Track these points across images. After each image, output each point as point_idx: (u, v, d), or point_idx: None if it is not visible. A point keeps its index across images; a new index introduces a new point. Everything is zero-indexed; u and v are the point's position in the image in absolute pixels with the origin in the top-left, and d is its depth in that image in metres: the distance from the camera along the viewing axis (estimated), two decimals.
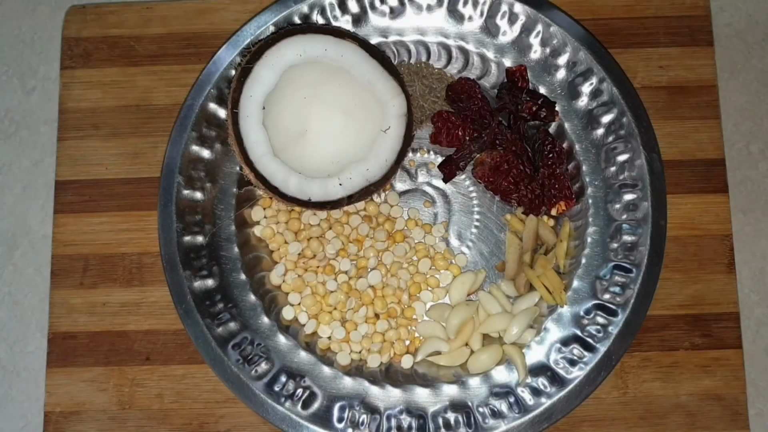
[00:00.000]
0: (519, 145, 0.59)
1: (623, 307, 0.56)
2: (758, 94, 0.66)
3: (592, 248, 0.58)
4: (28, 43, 0.69)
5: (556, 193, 0.59)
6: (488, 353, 0.56)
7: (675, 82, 0.63)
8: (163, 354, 0.59)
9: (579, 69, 0.60)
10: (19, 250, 0.65)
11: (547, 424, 0.54)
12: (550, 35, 0.60)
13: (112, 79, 0.63)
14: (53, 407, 0.58)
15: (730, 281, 0.59)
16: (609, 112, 0.59)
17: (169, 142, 0.58)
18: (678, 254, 0.60)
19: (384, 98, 0.56)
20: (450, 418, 0.55)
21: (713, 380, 0.58)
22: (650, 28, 0.64)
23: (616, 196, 0.58)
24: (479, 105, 0.60)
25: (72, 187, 0.61)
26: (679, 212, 0.60)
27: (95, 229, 0.61)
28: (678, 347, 0.58)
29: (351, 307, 0.58)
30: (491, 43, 0.61)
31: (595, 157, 0.59)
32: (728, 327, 0.59)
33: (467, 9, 0.61)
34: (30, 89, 0.68)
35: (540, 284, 0.57)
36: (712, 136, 0.62)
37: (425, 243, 0.60)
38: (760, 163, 0.65)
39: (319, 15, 0.61)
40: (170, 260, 0.56)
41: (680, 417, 0.57)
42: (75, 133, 0.62)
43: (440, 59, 0.62)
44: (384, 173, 0.57)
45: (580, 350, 0.56)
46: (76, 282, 0.60)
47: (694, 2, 0.64)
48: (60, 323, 0.59)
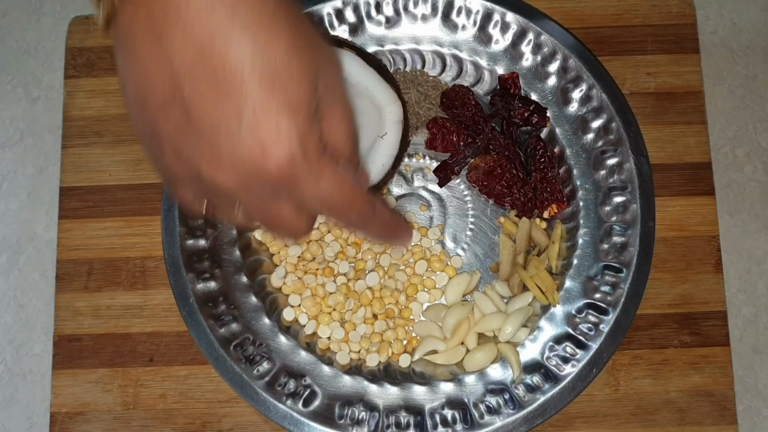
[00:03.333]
0: (512, 150, 0.61)
1: (614, 306, 0.57)
2: (743, 100, 0.68)
3: (584, 249, 0.59)
4: (32, 53, 0.70)
5: (548, 196, 0.60)
6: (483, 352, 0.57)
7: (662, 89, 0.64)
8: (166, 355, 0.60)
9: (569, 76, 0.61)
10: (24, 255, 0.66)
11: (541, 419, 0.56)
12: (541, 43, 0.62)
13: (115, 87, 0.64)
14: (59, 408, 0.59)
15: (717, 281, 0.61)
16: (598, 118, 0.61)
17: None
18: (666, 255, 0.61)
19: (381, 105, 0.57)
20: (447, 414, 0.56)
21: (702, 377, 0.59)
22: (638, 36, 0.65)
23: (606, 199, 0.60)
24: (473, 111, 0.61)
25: (76, 193, 0.63)
26: (667, 214, 0.62)
27: (99, 234, 0.62)
28: (667, 345, 0.60)
29: (350, 308, 0.59)
30: (484, 52, 0.63)
31: (585, 161, 0.61)
32: (716, 325, 0.60)
33: (461, 18, 0.63)
34: (34, 98, 0.69)
35: (533, 284, 0.58)
36: (698, 141, 0.63)
37: (421, 245, 0.61)
38: (745, 167, 0.67)
39: (317, 24, 0.62)
40: (174, 263, 0.58)
41: (670, 413, 0.59)
42: (79, 141, 0.64)
43: (435, 67, 0.64)
44: (381, 177, 0.58)
45: (572, 348, 0.57)
46: (80, 286, 0.61)
47: (681, 11, 0.66)
48: (65, 326, 0.60)
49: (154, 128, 0.38)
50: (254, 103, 0.35)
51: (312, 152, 0.37)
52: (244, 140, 0.35)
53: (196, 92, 0.35)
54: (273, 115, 0.35)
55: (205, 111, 0.35)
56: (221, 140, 0.36)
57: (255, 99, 0.35)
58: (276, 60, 0.35)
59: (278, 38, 0.35)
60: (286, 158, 0.35)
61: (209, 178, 0.37)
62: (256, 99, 0.35)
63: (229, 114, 0.35)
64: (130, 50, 0.36)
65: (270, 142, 0.35)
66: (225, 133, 0.35)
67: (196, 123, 0.36)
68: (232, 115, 0.35)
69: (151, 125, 0.38)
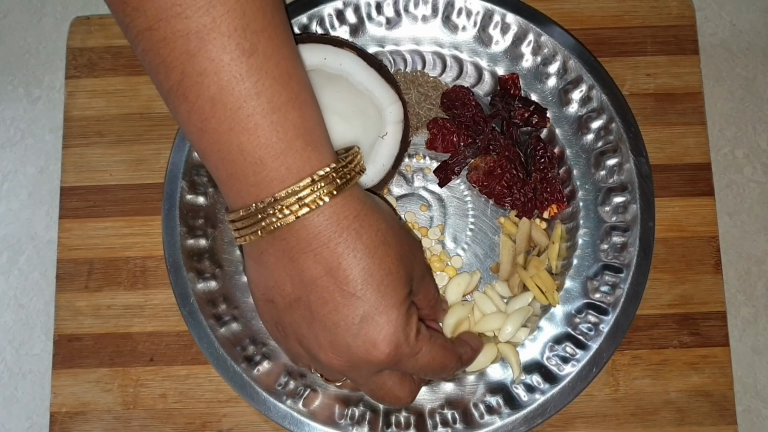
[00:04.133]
0: (512, 150, 0.61)
1: (614, 306, 0.57)
2: (743, 101, 0.68)
3: (583, 249, 0.59)
4: (33, 53, 0.70)
5: (548, 197, 0.60)
6: (483, 352, 0.57)
7: (662, 90, 0.64)
8: (166, 355, 0.60)
9: (569, 77, 0.62)
10: (24, 255, 0.66)
11: (541, 419, 0.56)
12: (541, 45, 0.62)
13: (116, 88, 0.65)
14: (59, 408, 0.59)
15: (716, 281, 0.61)
16: (598, 119, 0.61)
17: (173, 148, 0.60)
18: (666, 255, 0.61)
19: (381, 105, 0.58)
20: (447, 414, 0.56)
21: (702, 377, 0.59)
22: (637, 37, 0.65)
23: (606, 199, 0.60)
24: (473, 112, 0.61)
25: (77, 193, 0.63)
26: (666, 215, 0.62)
27: (100, 234, 0.62)
28: (667, 345, 0.60)
29: None
30: (484, 53, 0.63)
31: (585, 162, 0.61)
32: (715, 325, 0.60)
33: (461, 19, 0.63)
34: (35, 98, 0.69)
35: (533, 285, 0.58)
36: (698, 142, 0.63)
37: None
38: (745, 168, 0.67)
39: (318, 25, 0.62)
40: (174, 263, 0.58)
41: (670, 413, 0.59)
42: (80, 141, 0.64)
43: (435, 68, 0.64)
44: (381, 178, 0.58)
45: (572, 348, 0.57)
46: (81, 285, 0.61)
47: (680, 13, 0.66)
48: (65, 326, 0.60)
49: (279, 320, 0.47)
50: (369, 307, 0.44)
51: (411, 337, 0.46)
52: (358, 336, 0.44)
53: (320, 298, 0.44)
54: (383, 315, 0.44)
55: (327, 312, 0.44)
56: (338, 334, 0.44)
57: (370, 303, 0.44)
58: (387, 270, 0.44)
59: (389, 253, 0.45)
60: (393, 347, 0.44)
61: (325, 361, 0.46)
62: (371, 303, 0.44)
63: (347, 315, 0.44)
64: (264, 264, 0.45)
65: (380, 338, 0.44)
66: (343, 329, 0.44)
67: (319, 321, 0.44)
68: (350, 315, 0.44)
69: (277, 318, 0.47)
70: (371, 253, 0.44)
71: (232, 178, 0.44)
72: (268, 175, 0.43)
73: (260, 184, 0.43)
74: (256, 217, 0.43)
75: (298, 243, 0.43)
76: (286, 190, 0.43)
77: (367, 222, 0.44)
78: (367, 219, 0.45)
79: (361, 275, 0.43)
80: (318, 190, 0.43)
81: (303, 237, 0.43)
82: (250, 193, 0.44)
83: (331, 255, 0.43)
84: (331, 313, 0.44)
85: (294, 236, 0.43)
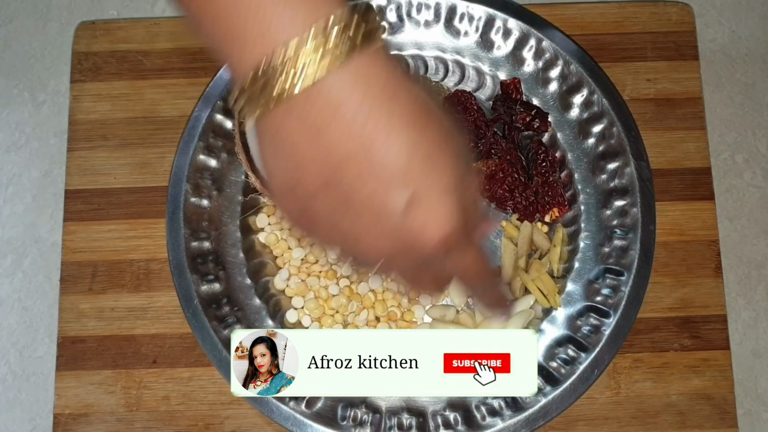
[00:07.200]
0: (513, 154, 0.61)
1: (615, 309, 0.58)
2: (742, 107, 0.69)
3: (585, 253, 0.60)
4: (38, 58, 0.71)
5: (550, 200, 0.60)
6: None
7: (662, 95, 0.65)
8: (169, 357, 0.60)
9: (570, 82, 0.62)
10: (28, 258, 0.66)
11: (543, 421, 0.56)
12: (542, 50, 0.62)
13: (120, 92, 0.65)
14: (62, 409, 0.59)
15: (717, 285, 0.61)
16: (599, 123, 0.61)
17: (177, 151, 0.60)
18: (667, 259, 0.62)
19: None
20: (449, 416, 0.56)
21: (702, 380, 0.60)
22: (638, 43, 0.66)
23: (607, 203, 0.60)
24: (475, 116, 0.62)
25: (81, 196, 0.63)
26: (667, 219, 0.62)
27: (104, 237, 0.62)
28: (668, 348, 0.60)
29: (352, 311, 0.60)
30: (486, 57, 0.64)
31: (586, 166, 0.61)
32: (716, 329, 0.60)
33: (463, 25, 0.63)
34: (40, 102, 0.70)
35: (535, 288, 0.58)
36: (698, 146, 0.64)
37: None
38: (744, 173, 0.67)
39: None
40: (178, 265, 0.58)
41: (671, 416, 0.59)
42: (84, 144, 0.64)
43: (438, 73, 0.64)
44: None
45: (573, 350, 0.57)
46: (85, 288, 0.61)
47: (680, 19, 0.67)
48: (69, 328, 0.61)
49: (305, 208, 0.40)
50: (416, 189, 0.37)
51: (462, 230, 0.39)
52: (406, 220, 0.38)
53: (357, 180, 0.37)
54: (433, 199, 0.38)
55: (367, 196, 0.38)
56: (383, 220, 0.38)
57: (416, 185, 0.37)
58: (431, 149, 0.38)
59: (429, 130, 0.38)
60: (444, 236, 0.39)
61: (368, 247, 0.40)
62: (418, 185, 0.37)
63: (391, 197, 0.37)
64: (282, 141, 0.38)
65: (431, 223, 0.38)
66: (387, 214, 0.38)
67: (358, 206, 0.38)
68: (394, 197, 0.37)
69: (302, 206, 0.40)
70: (413, 123, 0.37)
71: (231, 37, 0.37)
72: (271, 19, 0.36)
73: (264, 34, 0.36)
74: (266, 79, 0.36)
75: (322, 111, 0.36)
76: (296, 39, 0.35)
77: (403, 88, 0.38)
78: (402, 84, 0.38)
79: (401, 153, 0.37)
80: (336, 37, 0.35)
81: (329, 103, 0.36)
82: (254, 51, 0.36)
83: (363, 128, 0.36)
84: (372, 196, 0.37)
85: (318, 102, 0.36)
